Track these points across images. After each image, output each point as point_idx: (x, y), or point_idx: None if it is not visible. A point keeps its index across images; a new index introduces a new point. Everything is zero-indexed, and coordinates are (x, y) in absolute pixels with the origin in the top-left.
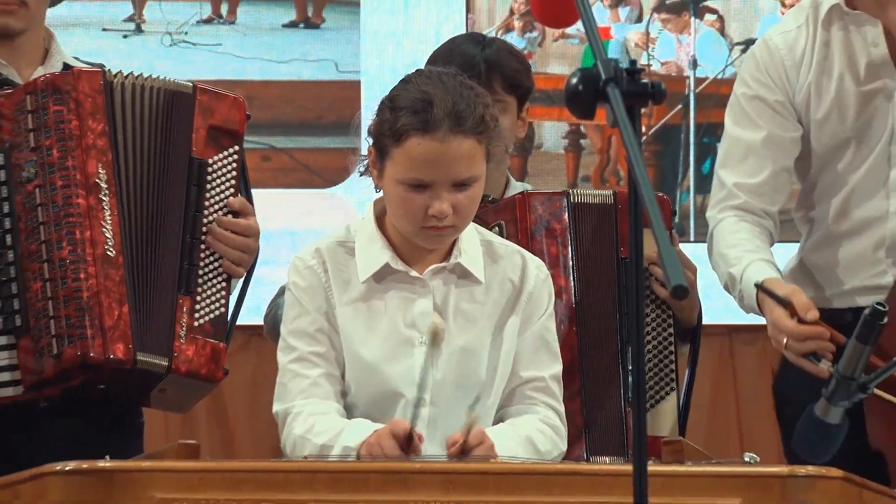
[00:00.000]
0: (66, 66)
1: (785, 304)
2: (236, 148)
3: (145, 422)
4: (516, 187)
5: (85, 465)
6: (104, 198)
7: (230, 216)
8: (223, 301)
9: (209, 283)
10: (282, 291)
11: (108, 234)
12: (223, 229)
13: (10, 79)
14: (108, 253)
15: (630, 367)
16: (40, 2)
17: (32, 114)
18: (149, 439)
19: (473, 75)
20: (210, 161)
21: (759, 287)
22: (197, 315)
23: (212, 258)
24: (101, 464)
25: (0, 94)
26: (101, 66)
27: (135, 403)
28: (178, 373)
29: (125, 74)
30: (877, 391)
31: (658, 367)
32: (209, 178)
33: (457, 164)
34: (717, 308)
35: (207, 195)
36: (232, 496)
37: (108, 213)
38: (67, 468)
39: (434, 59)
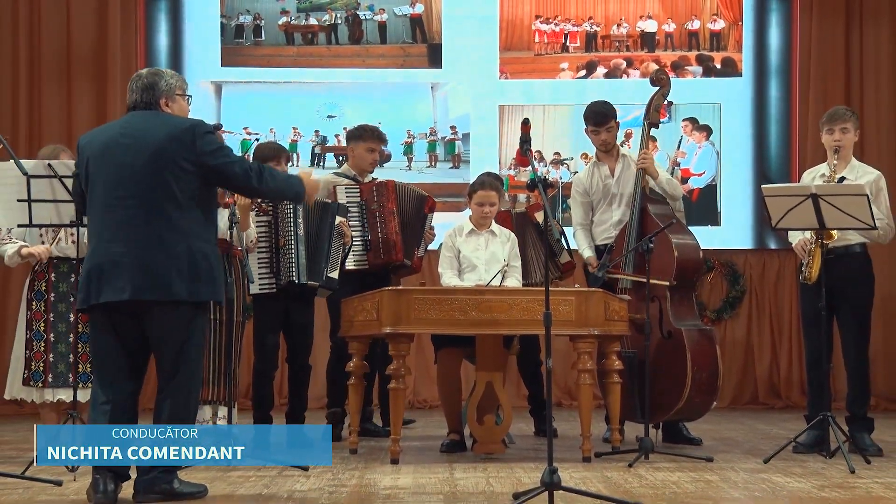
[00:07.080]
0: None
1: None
2: (431, 215)
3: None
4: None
5: (394, 288)
6: (395, 215)
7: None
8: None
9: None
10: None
11: (395, 223)
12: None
13: (359, 179)
14: (396, 229)
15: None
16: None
17: (374, 192)
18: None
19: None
20: (426, 213)
21: (585, 258)
22: (419, 251)
23: (431, 234)
24: (398, 288)
25: (363, 185)
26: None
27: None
28: (413, 265)
29: (396, 182)
30: (611, 271)
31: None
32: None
33: (490, 198)
34: None
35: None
36: (423, 296)
37: (396, 217)
38: (389, 289)
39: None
